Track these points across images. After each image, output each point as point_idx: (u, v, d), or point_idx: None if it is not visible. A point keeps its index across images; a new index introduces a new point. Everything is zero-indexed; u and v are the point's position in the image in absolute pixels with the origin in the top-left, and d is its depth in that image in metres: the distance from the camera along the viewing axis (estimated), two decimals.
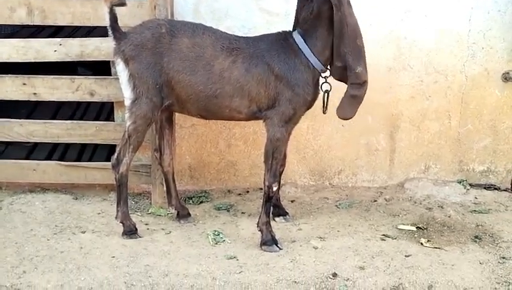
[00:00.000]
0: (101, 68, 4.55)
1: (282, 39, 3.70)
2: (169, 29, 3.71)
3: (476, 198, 4.51)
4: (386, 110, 4.52)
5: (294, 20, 3.78)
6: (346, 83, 3.63)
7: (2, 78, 4.19)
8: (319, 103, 3.79)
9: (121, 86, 3.78)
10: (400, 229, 4.06)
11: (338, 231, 4.03)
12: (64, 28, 6.32)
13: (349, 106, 3.63)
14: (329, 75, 3.71)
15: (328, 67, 3.71)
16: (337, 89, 3.72)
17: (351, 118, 3.70)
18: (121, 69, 3.75)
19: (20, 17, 4.10)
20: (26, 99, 4.25)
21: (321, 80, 3.74)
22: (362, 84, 3.58)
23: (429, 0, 4.33)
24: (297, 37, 3.65)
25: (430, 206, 4.39)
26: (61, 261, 3.60)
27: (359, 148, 4.61)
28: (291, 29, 3.76)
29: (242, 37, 3.78)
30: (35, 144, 4.96)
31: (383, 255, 3.72)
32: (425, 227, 4.09)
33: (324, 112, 3.80)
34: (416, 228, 4.07)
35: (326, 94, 3.76)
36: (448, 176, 4.65)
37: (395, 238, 3.93)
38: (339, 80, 3.68)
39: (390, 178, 4.66)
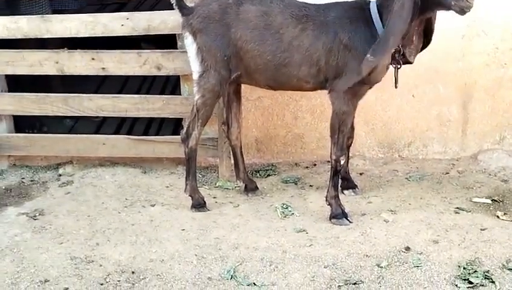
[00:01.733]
0: (165, 43, 4.55)
1: (358, 8, 3.56)
2: (236, 0, 3.66)
3: None
4: (458, 79, 4.35)
5: None
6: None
7: (72, 53, 4.24)
8: (388, 76, 3.66)
9: (189, 60, 3.77)
10: (474, 202, 3.93)
11: (409, 204, 3.93)
12: (127, 5, 6.38)
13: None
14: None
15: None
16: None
17: None
18: (189, 43, 3.73)
19: None
20: (95, 74, 4.30)
21: None
22: (359, 72, 3.43)
23: None
24: (373, 8, 3.51)
25: (505, 178, 4.23)
26: (133, 234, 3.65)
27: (430, 119, 4.47)
28: None
29: (312, 4, 3.68)
30: (104, 119, 5.03)
31: (457, 228, 3.61)
32: (501, 200, 3.94)
33: (396, 87, 3.67)
34: (492, 200, 3.93)
35: (396, 70, 3.61)
36: None
37: (470, 211, 3.81)
38: None
39: (463, 150, 4.51)
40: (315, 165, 4.54)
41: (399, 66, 3.59)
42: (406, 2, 3.28)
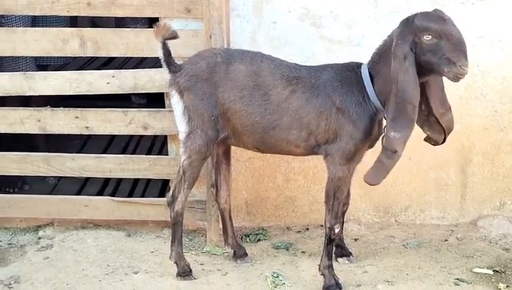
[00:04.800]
0: (155, 96, 4.40)
1: (350, 70, 3.45)
2: (225, 58, 3.53)
3: None
4: (456, 142, 4.20)
5: None
6: None
7: (55, 111, 4.07)
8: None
9: (176, 119, 3.62)
10: (474, 272, 3.74)
11: (407, 274, 3.73)
12: (115, 58, 6.28)
13: (375, 171, 3.34)
14: None
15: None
16: None
17: (374, 185, 3.43)
18: (175, 102, 3.59)
19: (72, 49, 3.97)
20: (78, 133, 4.13)
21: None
22: (392, 152, 3.26)
23: (503, 24, 4.04)
24: (364, 70, 3.39)
25: (507, 246, 4.04)
26: None
27: (427, 183, 4.30)
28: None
29: (303, 65, 3.56)
30: (87, 178, 4.84)
31: None
32: (503, 270, 3.76)
33: None
34: (493, 271, 3.74)
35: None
36: None
37: (470, 283, 3.62)
38: None
39: (462, 215, 4.33)
40: (308, 229, 4.34)
41: None
42: (409, 66, 3.15)
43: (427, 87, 3.36)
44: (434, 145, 3.60)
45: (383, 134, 3.44)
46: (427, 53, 3.16)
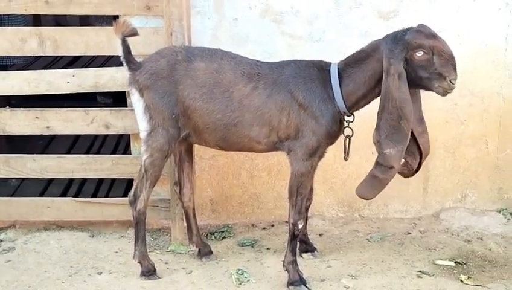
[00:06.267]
0: (121, 95, 4.36)
1: (316, 67, 3.45)
2: (185, 56, 3.51)
3: None
4: None
5: None
6: None
7: (14, 111, 4.02)
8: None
9: (137, 118, 3.60)
10: (437, 264, 3.79)
11: (370, 267, 3.76)
12: (81, 57, 6.21)
13: (369, 186, 3.38)
14: (352, 121, 3.46)
15: (352, 112, 3.44)
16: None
17: (369, 199, 3.48)
18: (136, 100, 3.56)
19: (31, 49, 3.92)
20: (39, 133, 4.07)
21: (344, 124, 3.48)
22: (388, 168, 3.28)
23: (463, 18, 4.09)
24: (333, 69, 3.41)
25: (468, 238, 4.10)
26: None
27: None
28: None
29: (265, 62, 3.57)
30: (51, 179, 4.78)
31: None
32: (464, 262, 3.81)
33: (345, 159, 3.55)
34: (455, 263, 3.80)
35: (347, 139, 3.49)
36: (486, 205, 4.36)
37: (433, 275, 3.66)
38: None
39: (425, 208, 4.38)
40: (273, 225, 4.35)
41: (351, 135, 3.47)
42: (404, 84, 3.18)
43: None
44: (405, 176, 3.57)
45: (346, 135, 3.47)
46: (417, 68, 3.21)
